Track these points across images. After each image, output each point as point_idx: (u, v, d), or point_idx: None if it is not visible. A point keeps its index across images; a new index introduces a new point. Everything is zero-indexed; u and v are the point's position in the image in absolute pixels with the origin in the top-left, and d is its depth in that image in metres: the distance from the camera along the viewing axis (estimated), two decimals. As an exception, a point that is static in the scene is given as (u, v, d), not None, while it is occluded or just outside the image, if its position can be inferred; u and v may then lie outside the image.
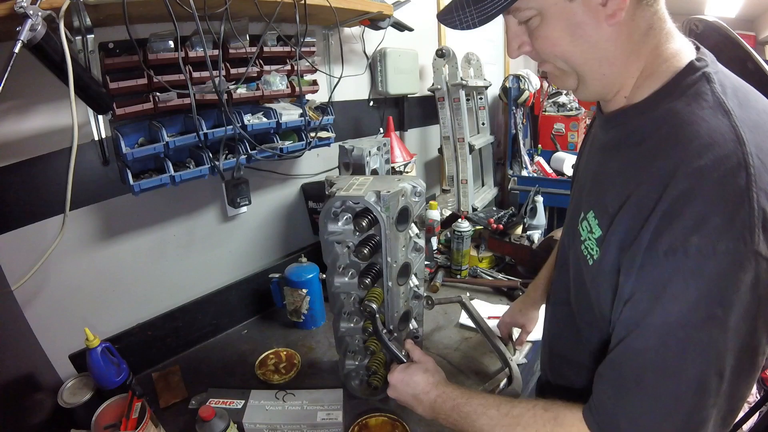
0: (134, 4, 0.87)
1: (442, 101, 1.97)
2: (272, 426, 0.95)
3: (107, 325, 1.11)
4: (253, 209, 1.44)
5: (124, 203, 1.12)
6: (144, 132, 1.08)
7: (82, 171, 1.02)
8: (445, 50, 1.89)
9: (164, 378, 1.12)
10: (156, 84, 1.00)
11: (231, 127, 1.11)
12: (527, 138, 3.08)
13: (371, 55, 1.75)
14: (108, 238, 1.12)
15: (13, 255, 0.94)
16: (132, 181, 1.00)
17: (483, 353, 1.21)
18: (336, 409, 1.00)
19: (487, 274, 1.60)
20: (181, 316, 1.24)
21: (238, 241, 1.44)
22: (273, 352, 1.22)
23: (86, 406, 0.92)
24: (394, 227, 0.87)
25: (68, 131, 0.87)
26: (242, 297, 1.40)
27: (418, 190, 0.94)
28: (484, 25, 0.57)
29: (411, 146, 2.13)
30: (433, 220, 1.76)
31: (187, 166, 1.12)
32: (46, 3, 0.74)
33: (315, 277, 1.32)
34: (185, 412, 1.01)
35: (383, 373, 1.05)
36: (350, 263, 0.96)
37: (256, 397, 1.04)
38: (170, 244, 1.26)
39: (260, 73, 1.19)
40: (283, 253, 1.59)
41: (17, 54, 0.70)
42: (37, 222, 0.98)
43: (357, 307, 1.01)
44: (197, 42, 1.04)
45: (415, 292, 1.05)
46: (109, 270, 1.14)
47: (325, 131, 1.41)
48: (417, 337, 1.11)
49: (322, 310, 1.38)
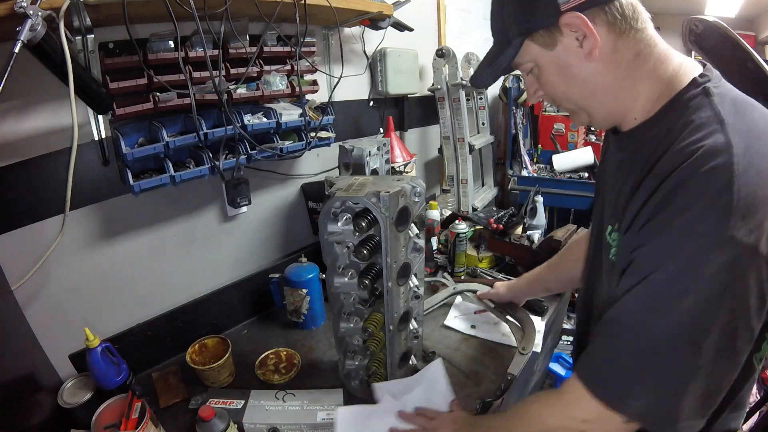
0: (134, 4, 0.87)
1: (442, 101, 1.97)
2: (272, 426, 0.95)
3: (107, 325, 1.11)
4: (253, 209, 1.44)
5: (124, 203, 1.12)
6: (144, 132, 1.08)
7: (82, 171, 1.02)
8: (445, 50, 1.89)
9: (164, 378, 1.12)
10: (156, 84, 1.00)
11: (231, 127, 1.11)
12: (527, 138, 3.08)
13: (371, 55, 1.76)
14: (108, 238, 1.12)
15: (13, 255, 0.94)
16: (132, 181, 1.00)
17: (483, 353, 1.21)
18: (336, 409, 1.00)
19: (487, 274, 1.60)
20: (181, 316, 1.24)
21: (238, 241, 1.44)
22: (273, 352, 1.22)
23: (86, 406, 0.92)
24: (393, 227, 0.87)
25: (68, 131, 0.87)
26: (242, 297, 1.40)
27: (417, 190, 0.94)
28: (497, 80, 0.70)
29: (411, 146, 2.13)
30: (433, 220, 1.76)
31: (187, 166, 1.12)
32: (46, 3, 0.74)
33: (315, 277, 1.32)
34: (185, 412, 1.01)
35: (383, 372, 1.05)
36: (350, 263, 0.96)
37: (256, 397, 1.04)
38: (170, 244, 1.26)
39: (260, 73, 1.19)
40: (283, 253, 1.59)
41: (17, 54, 0.70)
42: (37, 222, 0.98)
43: (357, 307, 1.01)
44: (197, 42, 1.04)
45: (415, 292, 1.05)
46: (109, 270, 1.14)
47: (325, 131, 1.41)
48: (417, 337, 1.11)
49: (322, 310, 1.38)
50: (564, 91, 0.67)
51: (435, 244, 1.77)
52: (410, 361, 1.10)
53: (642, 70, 0.61)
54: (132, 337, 1.14)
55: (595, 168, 2.87)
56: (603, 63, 0.60)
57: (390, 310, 0.95)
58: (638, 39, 0.60)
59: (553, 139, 3.03)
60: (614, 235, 0.67)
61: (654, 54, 0.61)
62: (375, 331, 0.99)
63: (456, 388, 1.08)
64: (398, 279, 0.94)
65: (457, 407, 0.93)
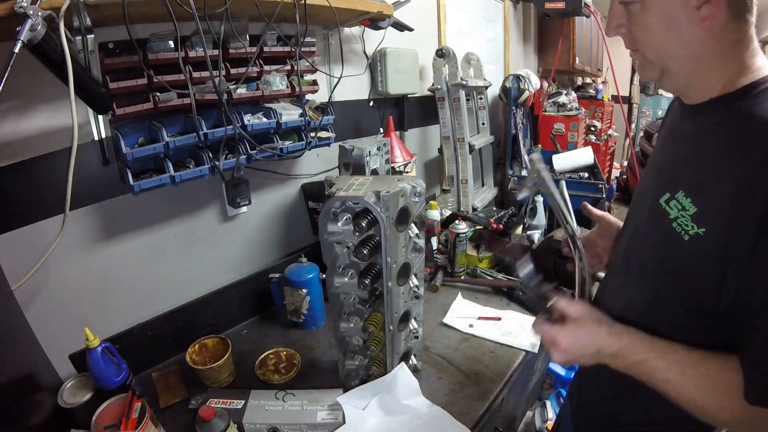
0: (134, 4, 0.87)
1: (442, 101, 1.97)
2: (272, 426, 0.95)
3: (107, 325, 1.11)
4: (253, 209, 1.44)
5: (124, 203, 1.12)
6: (144, 132, 1.08)
7: (82, 171, 1.02)
8: (445, 50, 1.89)
9: (164, 378, 1.12)
10: (156, 84, 1.00)
11: (231, 127, 1.11)
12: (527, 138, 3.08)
13: (371, 55, 1.76)
14: (108, 238, 1.12)
15: (13, 255, 0.94)
16: (132, 181, 1.00)
17: (483, 353, 1.21)
18: (336, 409, 1.00)
19: (487, 274, 1.60)
20: (181, 316, 1.25)
21: (238, 241, 1.44)
22: (273, 352, 1.22)
23: (86, 406, 0.92)
24: (393, 227, 0.87)
25: (68, 131, 0.87)
26: (242, 297, 1.40)
27: (417, 190, 0.94)
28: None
29: (411, 146, 2.13)
30: (433, 220, 1.77)
31: (187, 166, 1.12)
32: (46, 3, 0.74)
33: (315, 277, 1.32)
34: (185, 412, 1.01)
35: (383, 372, 1.05)
36: (350, 263, 0.96)
37: (256, 397, 1.04)
38: (170, 244, 1.26)
39: (260, 73, 1.19)
40: (283, 253, 1.59)
41: (17, 54, 0.70)
42: (37, 222, 0.98)
43: (357, 307, 1.01)
44: (197, 42, 1.04)
45: (415, 292, 1.05)
46: (109, 270, 1.14)
47: (325, 131, 1.41)
48: (417, 337, 1.11)
49: (322, 310, 1.38)
50: (659, 42, 0.63)
51: (435, 244, 1.77)
52: (410, 361, 1.10)
53: (737, 56, 0.61)
54: (132, 337, 1.14)
55: (595, 168, 2.87)
56: (708, 34, 0.60)
57: (390, 310, 0.95)
58: (744, 30, 0.60)
59: (553, 139, 3.03)
60: (673, 204, 0.65)
61: (751, 48, 0.61)
62: (375, 331, 0.99)
63: (456, 388, 1.08)
64: (398, 279, 0.94)
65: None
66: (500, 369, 1.14)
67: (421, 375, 1.12)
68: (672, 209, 0.65)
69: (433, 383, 1.10)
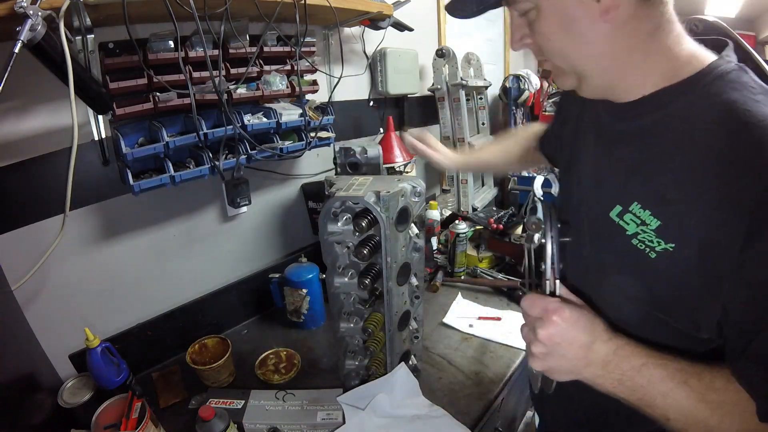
0: (134, 4, 0.87)
1: (442, 101, 1.97)
2: (272, 426, 0.95)
3: (107, 325, 1.11)
4: (253, 209, 1.44)
5: (124, 203, 1.12)
6: (144, 132, 1.08)
7: (82, 171, 1.02)
8: (445, 50, 1.89)
9: (164, 378, 1.12)
10: (156, 84, 1.00)
11: (231, 127, 1.11)
12: (527, 138, 3.07)
13: (371, 55, 1.75)
14: (108, 238, 1.12)
15: (13, 255, 0.94)
16: (132, 181, 1.00)
17: (483, 353, 1.21)
18: (336, 409, 1.00)
19: (487, 274, 1.60)
20: (181, 316, 1.25)
21: (238, 241, 1.44)
22: (273, 352, 1.22)
23: (86, 406, 0.92)
24: (393, 227, 0.87)
25: (68, 131, 0.87)
26: (242, 297, 1.40)
27: (417, 190, 0.94)
28: (483, 14, 0.62)
29: (411, 146, 2.12)
30: (433, 220, 1.76)
31: (187, 166, 1.12)
32: (46, 3, 0.74)
33: (315, 277, 1.32)
34: (185, 412, 1.01)
35: (383, 372, 1.05)
36: (350, 263, 0.96)
37: (256, 397, 1.04)
38: (170, 244, 1.26)
39: (260, 73, 1.19)
40: (283, 253, 1.59)
41: (17, 54, 0.70)
42: (37, 222, 0.98)
43: (357, 307, 1.01)
44: (197, 42, 1.04)
45: (415, 292, 1.05)
46: (109, 270, 1.14)
47: (325, 131, 1.41)
48: (417, 337, 1.11)
49: (322, 310, 1.38)
50: (561, 47, 0.57)
51: (435, 244, 1.77)
52: (410, 361, 1.10)
53: (659, 44, 0.55)
54: (132, 337, 1.14)
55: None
56: (617, 27, 0.53)
57: (390, 310, 0.95)
58: (661, 12, 0.53)
59: (553, 139, 3.02)
60: (629, 217, 0.58)
61: (674, 31, 0.55)
62: (375, 331, 0.99)
63: (456, 388, 1.08)
64: (398, 279, 0.94)
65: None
66: (500, 369, 1.14)
67: (421, 375, 1.12)
68: (629, 224, 0.58)
69: (433, 383, 1.10)
